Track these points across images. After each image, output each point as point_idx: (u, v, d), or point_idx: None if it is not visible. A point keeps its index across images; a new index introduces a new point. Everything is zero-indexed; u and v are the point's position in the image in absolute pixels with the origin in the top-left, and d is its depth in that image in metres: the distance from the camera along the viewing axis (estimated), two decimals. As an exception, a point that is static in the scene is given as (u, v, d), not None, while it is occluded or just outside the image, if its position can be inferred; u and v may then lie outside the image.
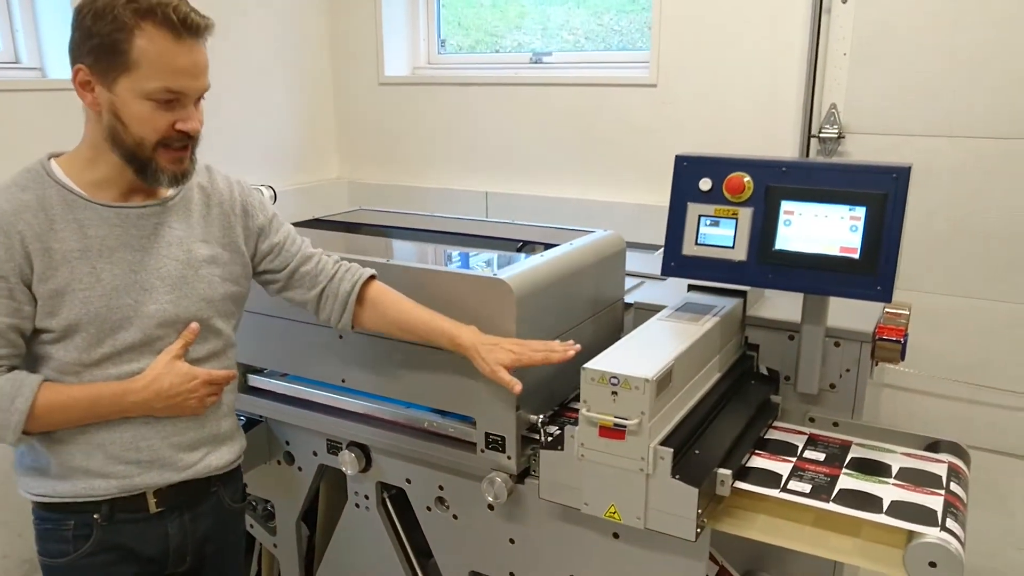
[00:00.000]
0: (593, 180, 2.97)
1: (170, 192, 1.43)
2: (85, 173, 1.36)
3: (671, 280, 1.99)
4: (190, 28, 1.28)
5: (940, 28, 2.32)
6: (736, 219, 1.63)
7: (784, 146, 2.58)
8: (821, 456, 1.60)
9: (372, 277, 1.62)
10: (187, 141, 1.35)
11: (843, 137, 2.51)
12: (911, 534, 1.36)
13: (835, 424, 1.75)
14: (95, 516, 1.41)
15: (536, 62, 3.21)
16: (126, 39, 1.25)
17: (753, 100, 2.61)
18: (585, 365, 1.41)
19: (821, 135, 2.53)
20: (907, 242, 2.41)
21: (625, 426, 1.38)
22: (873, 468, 1.56)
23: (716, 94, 2.67)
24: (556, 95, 3.01)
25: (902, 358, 1.74)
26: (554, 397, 1.69)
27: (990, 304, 2.43)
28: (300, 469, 1.95)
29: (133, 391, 1.36)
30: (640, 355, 1.46)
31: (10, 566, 2.54)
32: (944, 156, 2.39)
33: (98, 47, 1.26)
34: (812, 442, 1.67)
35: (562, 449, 1.48)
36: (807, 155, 2.57)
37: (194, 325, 1.42)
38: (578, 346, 1.53)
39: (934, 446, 1.67)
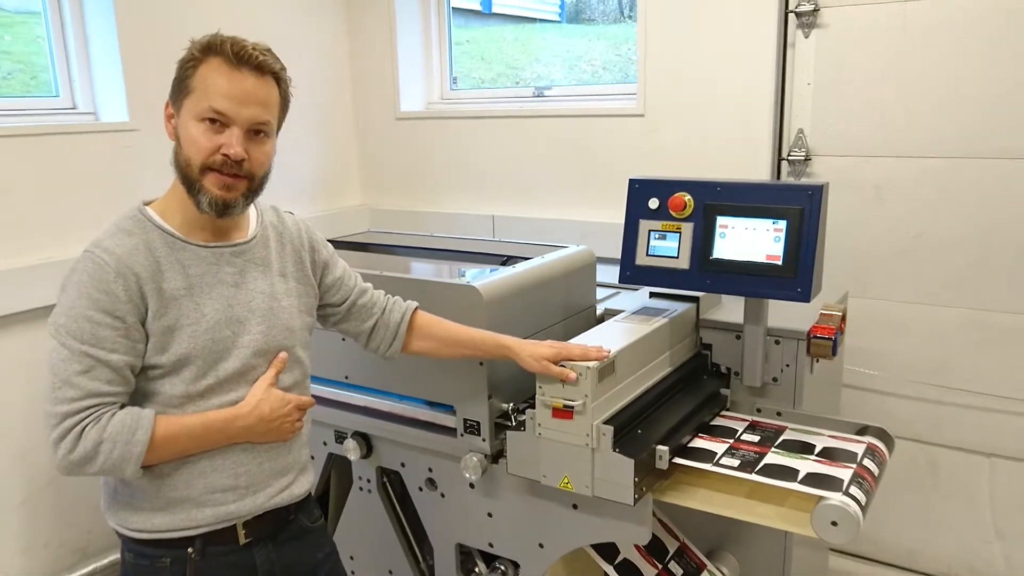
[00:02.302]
0: (589, 202, 3.22)
1: (251, 233, 1.55)
2: (177, 217, 1.47)
3: (644, 290, 2.25)
4: (243, 59, 1.40)
5: (893, 59, 2.55)
6: (680, 233, 1.88)
7: (758, 168, 2.81)
8: (756, 438, 1.83)
9: (417, 308, 1.79)
10: (235, 169, 1.42)
11: (810, 159, 2.74)
12: (819, 498, 1.58)
13: (778, 413, 1.97)
14: (189, 551, 1.48)
15: (538, 96, 3.50)
16: (193, 69, 1.41)
17: (729, 126, 2.85)
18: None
19: (790, 158, 2.76)
20: (873, 254, 2.67)
21: (572, 407, 1.63)
22: (799, 447, 1.78)
23: (697, 122, 2.92)
24: (555, 126, 3.28)
25: (834, 354, 1.96)
26: (525, 390, 1.94)
27: (949, 310, 2.62)
28: (312, 458, 2.22)
29: (241, 416, 1.46)
30: (588, 348, 1.71)
31: (64, 554, 2.83)
32: (901, 175, 2.61)
33: (175, 81, 1.44)
34: (752, 427, 1.89)
35: (524, 430, 1.74)
36: (779, 176, 2.80)
37: (283, 354, 1.53)
38: (610, 350, 1.70)
39: (863, 431, 1.88)
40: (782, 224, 1.77)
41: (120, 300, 1.38)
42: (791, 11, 2.67)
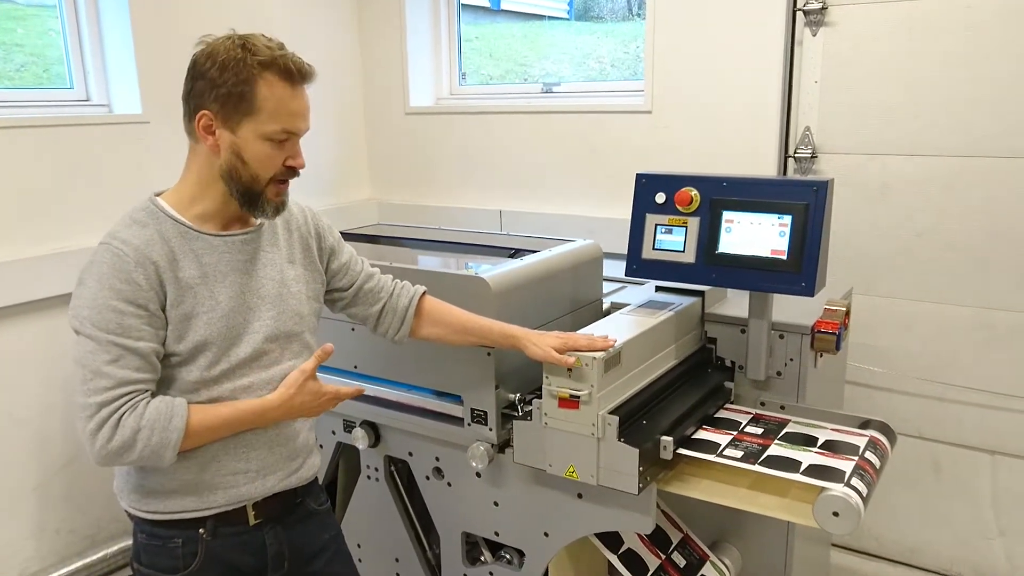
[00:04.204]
0: (596, 198, 3.25)
1: (259, 220, 1.57)
2: (191, 208, 1.49)
3: (650, 285, 2.28)
4: (303, 76, 1.46)
5: (900, 58, 2.57)
6: (686, 227, 1.91)
7: (765, 165, 2.83)
8: (760, 431, 1.85)
9: (424, 292, 1.81)
10: (292, 176, 1.50)
11: (816, 157, 2.75)
12: (821, 489, 1.60)
13: (782, 407, 1.99)
14: (200, 531, 1.52)
15: (546, 92, 3.52)
16: (251, 88, 1.40)
17: (737, 124, 2.87)
18: (547, 346, 1.69)
19: (797, 155, 2.77)
20: (878, 252, 2.68)
21: (579, 397, 1.66)
22: (802, 440, 1.80)
23: (704, 119, 2.93)
24: (563, 122, 3.30)
25: (838, 348, 1.98)
26: (532, 381, 1.96)
27: (954, 308, 2.64)
28: (321, 446, 2.25)
29: (272, 408, 1.49)
30: (594, 339, 1.74)
31: (74, 540, 2.87)
32: (907, 173, 2.62)
33: (225, 95, 1.41)
34: (755, 420, 1.92)
35: (531, 419, 1.77)
36: (785, 174, 2.82)
37: (328, 346, 1.55)
38: (616, 339, 1.72)
39: (866, 424, 1.90)
40: (787, 219, 1.79)
41: (142, 289, 1.40)
42: (799, 9, 2.69)
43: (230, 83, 1.41)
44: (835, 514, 1.56)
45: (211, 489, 1.51)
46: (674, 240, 1.91)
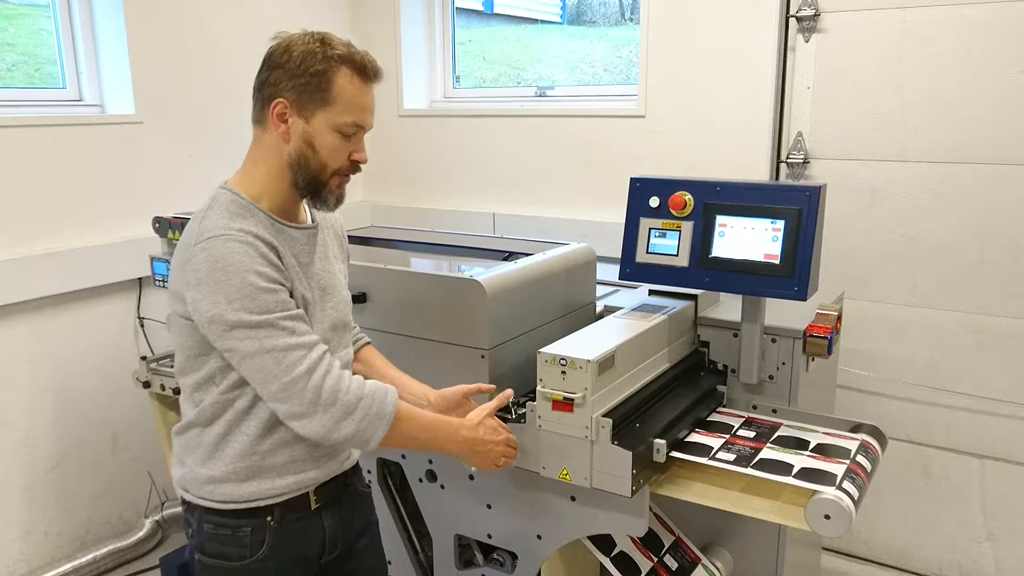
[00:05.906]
0: (589, 201, 3.26)
1: (310, 217, 1.60)
2: (270, 202, 1.50)
3: (643, 289, 2.28)
4: (376, 74, 1.49)
5: (892, 65, 2.59)
6: (680, 231, 1.91)
7: (757, 170, 2.85)
8: (752, 434, 1.86)
9: (368, 342, 1.85)
10: (355, 170, 1.52)
11: (808, 162, 2.77)
12: (813, 492, 1.61)
13: (774, 411, 2.00)
14: (268, 519, 1.54)
15: (540, 96, 3.53)
16: (328, 79, 1.43)
17: (730, 129, 2.88)
18: (540, 349, 1.70)
19: (789, 160, 2.79)
20: (869, 257, 2.70)
21: (572, 399, 1.66)
22: (794, 443, 1.81)
23: (697, 124, 2.95)
24: (557, 126, 3.31)
25: (829, 353, 1.99)
26: (526, 383, 1.97)
27: (944, 313, 2.66)
28: (314, 449, 2.25)
29: (465, 427, 1.59)
30: (588, 342, 1.75)
31: (63, 542, 2.85)
32: (898, 178, 2.64)
33: (303, 85, 1.43)
34: (748, 423, 1.92)
35: (525, 422, 1.77)
36: (777, 178, 2.84)
37: (509, 391, 1.68)
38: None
39: (856, 428, 1.91)
40: (780, 224, 1.80)
41: (281, 269, 1.44)
42: (792, 15, 2.71)
43: (308, 73, 1.44)
44: (827, 517, 1.57)
45: (281, 475, 1.53)
46: (668, 244, 1.92)
